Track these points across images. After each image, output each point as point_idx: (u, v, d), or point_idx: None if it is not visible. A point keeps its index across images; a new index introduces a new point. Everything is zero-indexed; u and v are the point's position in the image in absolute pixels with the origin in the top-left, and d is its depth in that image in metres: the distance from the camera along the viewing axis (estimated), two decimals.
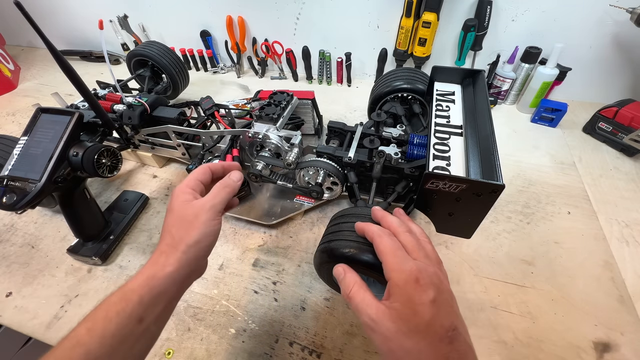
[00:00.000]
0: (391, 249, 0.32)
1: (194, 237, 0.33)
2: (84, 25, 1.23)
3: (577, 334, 0.46)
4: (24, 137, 0.52)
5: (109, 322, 0.28)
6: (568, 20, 0.78)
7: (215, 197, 0.36)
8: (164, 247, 0.33)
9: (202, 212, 0.34)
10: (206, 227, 0.34)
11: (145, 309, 0.29)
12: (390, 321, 0.28)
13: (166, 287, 0.31)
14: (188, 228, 0.34)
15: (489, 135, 0.42)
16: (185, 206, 0.35)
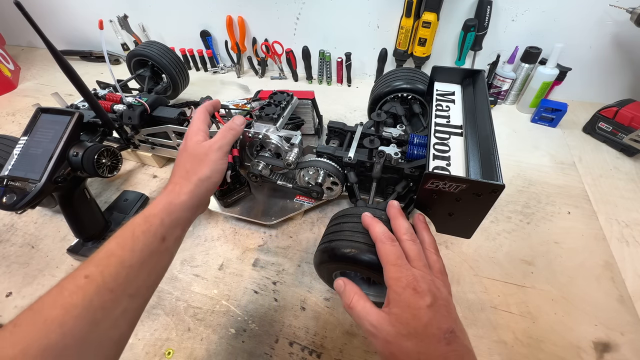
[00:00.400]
0: (393, 257, 0.33)
1: (205, 172, 0.38)
2: (84, 25, 1.23)
3: (577, 334, 0.46)
4: (24, 137, 0.52)
5: (137, 239, 0.31)
6: (568, 20, 0.78)
7: (223, 139, 0.42)
8: (177, 179, 0.38)
9: (211, 151, 0.40)
10: (215, 165, 0.39)
11: (166, 229, 0.33)
12: (390, 325, 0.29)
13: (181, 212, 0.35)
14: (200, 164, 0.39)
15: (489, 135, 0.42)
16: (198, 146, 0.40)
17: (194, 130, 0.42)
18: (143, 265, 0.31)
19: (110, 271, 0.29)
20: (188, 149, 0.40)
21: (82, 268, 0.29)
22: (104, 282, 0.28)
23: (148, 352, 0.47)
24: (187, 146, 0.41)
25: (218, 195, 0.61)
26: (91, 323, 0.27)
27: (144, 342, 0.48)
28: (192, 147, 0.40)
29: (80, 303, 0.26)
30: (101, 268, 0.29)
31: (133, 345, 0.47)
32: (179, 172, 0.39)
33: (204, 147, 0.40)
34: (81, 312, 0.26)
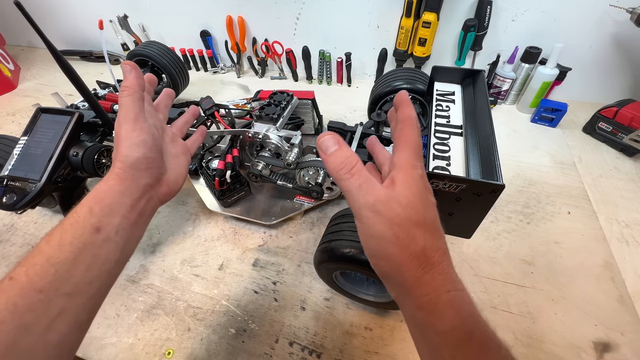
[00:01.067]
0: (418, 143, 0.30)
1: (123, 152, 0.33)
2: (84, 25, 1.23)
3: (577, 334, 0.46)
4: (24, 137, 0.52)
5: (64, 232, 0.28)
6: (568, 20, 0.78)
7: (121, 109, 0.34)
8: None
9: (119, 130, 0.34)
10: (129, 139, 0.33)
11: (98, 219, 0.29)
12: (400, 207, 0.27)
13: (114, 198, 0.31)
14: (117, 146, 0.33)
15: (489, 135, 0.42)
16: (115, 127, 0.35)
17: None
18: (76, 260, 0.28)
19: (37, 270, 0.26)
20: None
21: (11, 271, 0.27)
22: (30, 282, 0.26)
23: (148, 352, 0.47)
24: None
25: (218, 195, 0.61)
26: (20, 327, 0.24)
27: (144, 342, 0.48)
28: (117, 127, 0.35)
29: (3, 307, 0.24)
30: (26, 268, 0.26)
31: (133, 345, 0.47)
32: None
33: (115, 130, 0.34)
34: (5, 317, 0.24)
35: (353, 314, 0.50)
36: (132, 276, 0.56)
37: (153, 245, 0.60)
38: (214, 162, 0.61)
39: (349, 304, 0.51)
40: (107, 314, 0.51)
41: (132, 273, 0.56)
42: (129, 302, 0.52)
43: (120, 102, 0.34)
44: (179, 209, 0.67)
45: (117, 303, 0.52)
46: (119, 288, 0.54)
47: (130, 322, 0.50)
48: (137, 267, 0.57)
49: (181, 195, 0.69)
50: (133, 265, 0.57)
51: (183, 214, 0.66)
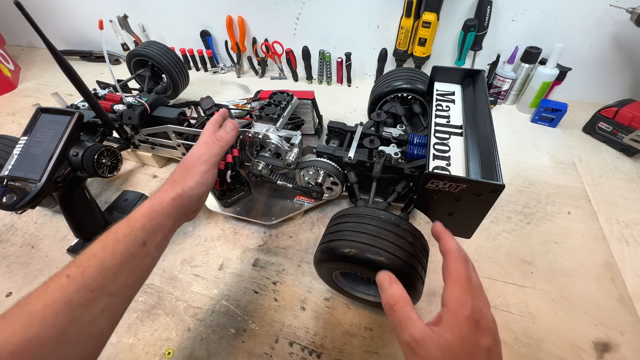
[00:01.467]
0: (464, 277, 0.29)
1: (189, 184, 0.39)
2: (84, 25, 1.23)
3: (577, 334, 0.46)
4: (24, 137, 0.52)
5: (118, 242, 0.33)
6: (568, 20, 0.78)
7: (210, 151, 0.42)
8: (165, 187, 0.39)
9: (198, 163, 0.41)
10: (200, 177, 0.40)
11: (147, 234, 0.34)
12: (437, 349, 0.26)
13: (163, 219, 0.36)
14: (186, 175, 0.40)
15: (489, 135, 0.42)
16: (188, 157, 0.42)
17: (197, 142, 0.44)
18: (123, 267, 0.32)
19: (91, 272, 0.30)
20: (183, 160, 0.42)
21: (66, 268, 0.30)
22: (84, 282, 0.30)
23: (148, 352, 0.47)
24: (184, 157, 0.43)
25: (218, 195, 0.61)
26: (71, 319, 0.28)
27: (144, 342, 0.48)
28: (185, 158, 0.42)
29: (61, 300, 0.28)
30: (82, 269, 0.30)
31: (133, 345, 0.47)
32: (169, 180, 0.40)
33: (192, 158, 0.41)
34: (61, 308, 0.28)
35: (353, 314, 0.50)
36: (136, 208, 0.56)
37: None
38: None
39: (349, 304, 0.51)
40: None
41: None
42: None
43: (211, 145, 0.42)
44: None
45: None
46: None
47: (130, 322, 0.50)
48: None
49: None
50: None
51: None
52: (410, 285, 0.38)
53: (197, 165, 0.40)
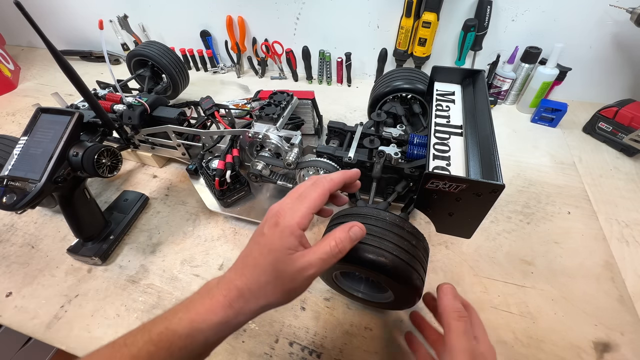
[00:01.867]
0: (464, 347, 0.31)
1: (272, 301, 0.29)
2: (84, 25, 1.23)
3: (577, 334, 0.46)
4: (24, 137, 0.52)
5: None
6: (568, 20, 0.78)
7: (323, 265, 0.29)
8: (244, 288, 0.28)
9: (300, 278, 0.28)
10: (295, 294, 0.30)
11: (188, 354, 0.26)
12: None
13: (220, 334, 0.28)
14: (276, 288, 0.28)
15: (489, 135, 0.42)
16: (287, 260, 0.28)
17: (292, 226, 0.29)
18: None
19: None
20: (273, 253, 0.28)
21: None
22: None
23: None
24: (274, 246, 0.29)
25: (218, 195, 0.61)
26: None
27: None
28: (279, 255, 0.28)
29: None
30: None
31: None
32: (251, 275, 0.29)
33: (294, 266, 0.28)
34: None
35: (353, 314, 0.50)
36: (132, 276, 0.56)
37: (153, 245, 0.60)
38: (214, 162, 0.61)
39: (349, 304, 0.51)
40: (107, 314, 0.51)
41: (132, 273, 0.56)
42: (129, 302, 0.52)
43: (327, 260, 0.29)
44: (179, 209, 0.67)
45: (117, 303, 0.52)
46: (119, 288, 0.54)
47: (130, 322, 0.50)
48: (137, 267, 0.57)
49: (181, 195, 0.70)
50: (133, 265, 0.57)
51: (183, 214, 0.66)
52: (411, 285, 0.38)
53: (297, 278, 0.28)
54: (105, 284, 0.55)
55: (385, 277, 0.38)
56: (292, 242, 0.29)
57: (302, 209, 0.30)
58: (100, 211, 0.60)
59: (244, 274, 0.29)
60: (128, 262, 0.58)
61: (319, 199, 0.31)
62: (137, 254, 0.59)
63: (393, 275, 0.37)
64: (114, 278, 0.56)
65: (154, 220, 0.65)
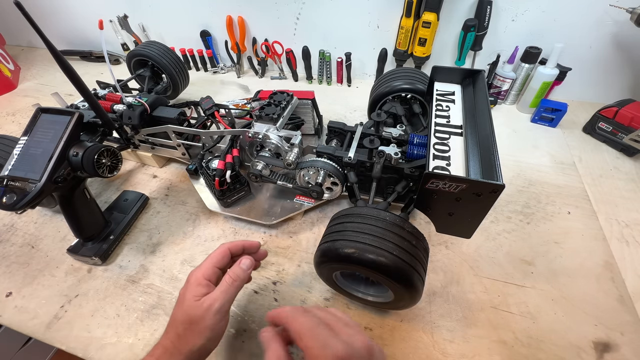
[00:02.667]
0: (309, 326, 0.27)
1: (199, 343, 0.34)
2: (84, 25, 1.23)
3: (577, 334, 0.46)
4: (24, 137, 0.52)
5: None
6: (568, 20, 0.78)
7: (225, 296, 0.36)
8: (168, 344, 0.35)
9: (209, 315, 0.35)
10: (212, 332, 0.35)
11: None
12: None
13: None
14: (193, 332, 0.35)
15: (489, 135, 0.42)
16: (195, 305, 0.35)
17: (197, 278, 0.37)
18: None
19: None
20: (184, 305, 0.36)
21: None
22: None
23: (148, 352, 0.47)
24: (185, 299, 0.36)
25: (218, 195, 0.61)
26: None
27: (144, 342, 0.48)
28: (189, 305, 0.35)
29: None
30: None
31: (133, 345, 0.47)
32: (170, 333, 0.36)
33: (202, 307, 0.35)
34: None
35: (353, 314, 0.50)
36: (132, 276, 0.56)
37: (153, 245, 0.60)
38: (214, 162, 0.61)
39: (349, 304, 0.51)
40: (107, 314, 0.51)
41: (132, 273, 0.56)
42: (129, 302, 0.52)
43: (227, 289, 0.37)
44: (179, 209, 0.67)
45: (117, 303, 0.52)
46: (119, 288, 0.54)
47: (130, 322, 0.50)
48: (137, 267, 0.57)
49: (181, 195, 0.70)
50: (133, 265, 0.57)
51: (183, 214, 0.66)
52: (411, 285, 0.38)
53: (207, 317, 0.34)
54: (105, 284, 0.55)
55: (385, 277, 0.38)
56: (198, 290, 0.36)
57: (205, 264, 0.38)
58: (100, 211, 0.60)
59: (168, 333, 0.36)
60: (128, 262, 0.58)
61: (219, 255, 0.39)
62: (137, 254, 0.59)
63: (393, 275, 0.37)
64: (114, 278, 0.56)
65: (154, 220, 0.65)
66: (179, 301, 0.37)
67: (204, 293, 0.36)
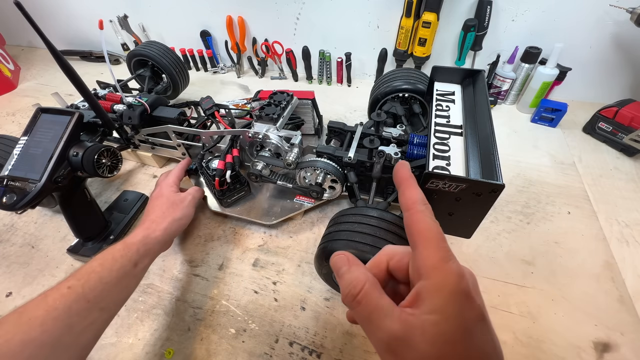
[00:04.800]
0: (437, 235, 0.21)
1: (179, 214, 0.50)
2: (84, 25, 1.23)
3: (577, 334, 0.46)
4: (24, 137, 0.52)
5: (115, 261, 0.38)
6: (568, 20, 0.78)
7: (194, 195, 0.56)
8: (154, 218, 0.48)
9: (185, 201, 0.53)
10: (187, 210, 0.53)
11: (140, 257, 0.41)
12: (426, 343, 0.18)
13: (154, 245, 0.44)
14: (175, 208, 0.51)
15: (489, 135, 0.42)
16: (174, 195, 0.53)
17: (169, 183, 0.55)
18: (117, 284, 0.37)
19: (91, 285, 0.34)
20: (164, 195, 0.52)
21: (66, 281, 0.34)
22: (84, 293, 0.33)
23: (148, 352, 0.47)
24: (164, 193, 0.53)
25: (218, 196, 0.61)
26: (67, 326, 0.31)
27: (144, 342, 0.48)
28: (169, 195, 0.53)
29: (60, 307, 0.31)
30: (82, 281, 0.34)
31: (133, 345, 0.47)
32: (156, 212, 0.49)
33: (180, 196, 0.54)
34: (60, 315, 0.31)
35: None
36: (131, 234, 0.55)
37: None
38: (214, 162, 0.61)
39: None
40: None
41: None
42: (129, 302, 0.52)
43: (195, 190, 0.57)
44: None
45: None
46: None
47: (130, 322, 0.50)
48: None
49: None
50: None
51: None
52: None
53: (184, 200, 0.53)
54: None
55: None
56: (173, 189, 0.55)
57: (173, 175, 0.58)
58: (100, 211, 0.60)
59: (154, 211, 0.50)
60: None
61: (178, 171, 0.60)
62: None
63: None
64: None
65: None
66: (157, 196, 0.52)
67: (177, 191, 0.55)
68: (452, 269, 0.19)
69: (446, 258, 0.20)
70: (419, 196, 0.23)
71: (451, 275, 0.19)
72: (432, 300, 0.19)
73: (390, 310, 0.20)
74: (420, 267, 0.20)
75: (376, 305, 0.21)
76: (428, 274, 0.20)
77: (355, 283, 0.22)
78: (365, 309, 0.21)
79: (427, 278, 0.20)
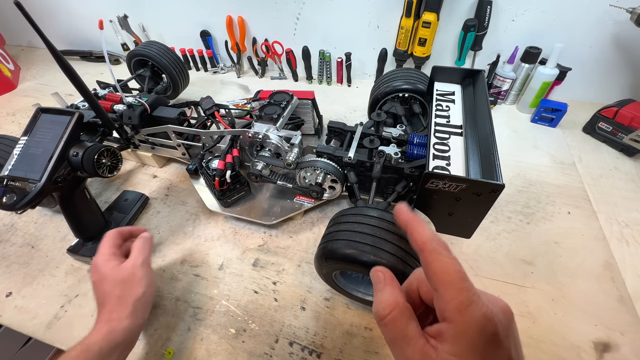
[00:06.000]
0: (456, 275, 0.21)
1: (139, 292, 0.41)
2: (84, 25, 1.23)
3: (577, 334, 0.46)
4: (24, 137, 0.52)
5: None
6: (568, 20, 0.78)
7: (143, 253, 0.45)
8: (112, 307, 0.39)
9: (137, 270, 0.42)
10: (146, 280, 0.42)
11: (103, 358, 0.35)
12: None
13: (124, 337, 0.38)
14: (131, 286, 0.41)
15: (489, 135, 0.42)
16: (118, 270, 0.42)
17: (103, 259, 0.43)
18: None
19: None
20: (108, 277, 0.41)
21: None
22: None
23: (148, 352, 0.47)
24: (105, 274, 0.42)
25: (218, 196, 0.61)
26: None
27: (143, 342, 0.48)
28: (113, 273, 0.42)
29: None
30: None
31: None
32: (110, 300, 0.40)
33: (127, 268, 0.42)
34: None
35: (353, 314, 0.50)
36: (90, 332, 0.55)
37: (153, 245, 0.60)
38: (214, 162, 0.61)
39: (349, 304, 0.51)
40: None
41: None
42: None
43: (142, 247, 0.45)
44: (179, 209, 0.67)
45: None
46: None
47: None
48: None
49: (181, 195, 0.70)
50: None
51: (183, 214, 0.66)
52: None
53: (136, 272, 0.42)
54: None
55: None
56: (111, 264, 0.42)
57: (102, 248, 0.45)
58: (100, 211, 0.60)
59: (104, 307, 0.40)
60: None
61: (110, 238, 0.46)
62: None
63: None
64: None
65: (154, 220, 0.65)
66: (100, 281, 0.42)
67: (119, 264, 0.43)
68: (475, 314, 0.19)
69: (468, 301, 0.20)
70: (428, 235, 0.23)
71: (474, 321, 0.19)
72: (454, 344, 0.19)
73: (415, 340, 0.21)
74: (443, 310, 0.20)
75: (401, 332, 0.21)
76: (451, 317, 0.20)
77: (385, 305, 0.23)
78: (391, 332, 0.22)
79: (450, 322, 0.20)
